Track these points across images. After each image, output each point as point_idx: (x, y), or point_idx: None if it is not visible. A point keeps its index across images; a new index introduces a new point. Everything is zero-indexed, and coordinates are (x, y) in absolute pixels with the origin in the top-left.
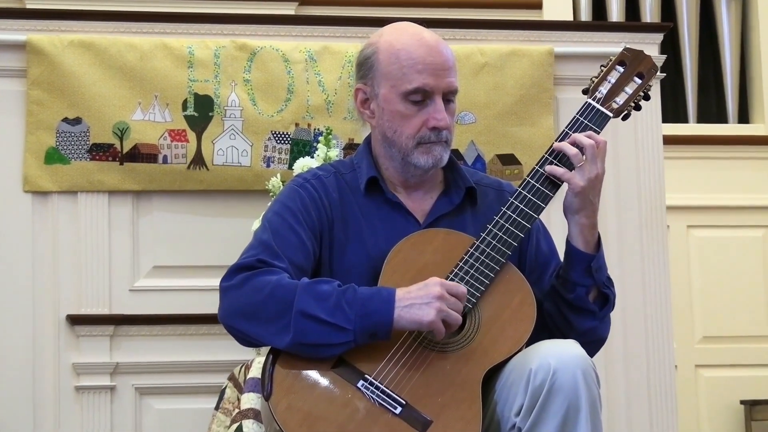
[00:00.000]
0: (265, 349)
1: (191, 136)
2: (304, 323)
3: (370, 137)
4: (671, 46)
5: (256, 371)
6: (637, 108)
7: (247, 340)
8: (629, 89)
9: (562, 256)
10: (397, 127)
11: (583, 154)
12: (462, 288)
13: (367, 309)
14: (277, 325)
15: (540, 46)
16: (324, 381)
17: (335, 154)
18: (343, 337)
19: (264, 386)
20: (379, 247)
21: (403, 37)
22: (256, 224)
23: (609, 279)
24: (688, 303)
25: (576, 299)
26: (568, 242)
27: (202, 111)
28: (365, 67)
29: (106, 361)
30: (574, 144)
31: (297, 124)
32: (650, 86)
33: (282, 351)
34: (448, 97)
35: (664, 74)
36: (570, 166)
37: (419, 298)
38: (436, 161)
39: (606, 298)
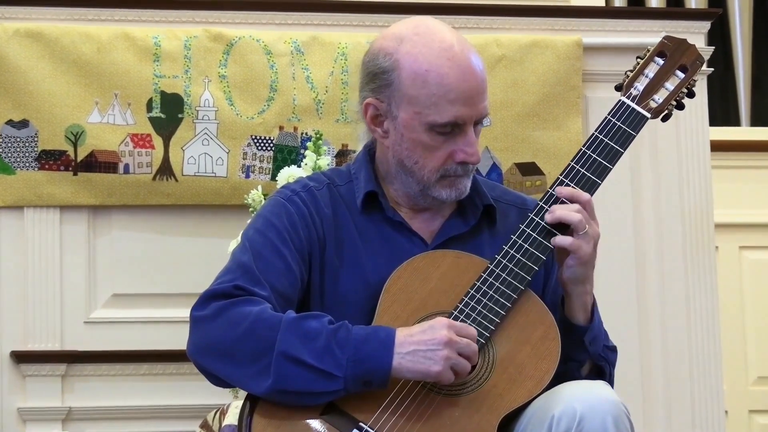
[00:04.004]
0: (243, 391)
1: (157, 141)
2: (287, 367)
3: (371, 144)
4: (720, 37)
5: (233, 417)
6: (680, 107)
7: (219, 380)
8: (670, 85)
9: None
10: (419, 158)
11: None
12: (472, 330)
13: (360, 353)
14: (255, 367)
15: (566, 36)
16: (311, 430)
17: (326, 162)
18: (332, 385)
19: None
20: (379, 272)
21: (429, 53)
22: (234, 245)
23: (606, 348)
24: (740, 337)
25: (565, 372)
26: (564, 316)
27: (170, 112)
28: (380, 81)
29: (57, 405)
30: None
31: (281, 128)
32: (695, 81)
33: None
34: (479, 121)
35: (712, 69)
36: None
37: (423, 344)
38: (460, 194)
39: (600, 372)
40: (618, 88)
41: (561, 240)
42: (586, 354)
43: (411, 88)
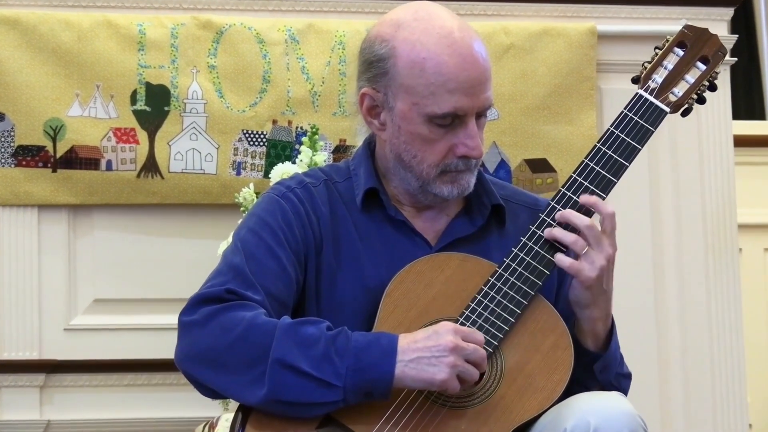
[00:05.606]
0: (234, 403)
1: (142, 136)
2: (283, 376)
3: (371, 138)
4: (744, 25)
5: (223, 431)
6: (701, 101)
7: (209, 390)
8: (691, 77)
9: None
10: (418, 152)
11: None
12: (480, 335)
13: (361, 362)
14: (248, 375)
15: (579, 23)
16: None
17: (322, 158)
18: (331, 395)
19: None
20: (379, 275)
21: (428, 39)
22: (224, 247)
23: (619, 376)
24: (765, 345)
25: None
26: (574, 339)
27: (155, 105)
28: (376, 69)
29: (35, 418)
30: (568, 224)
31: (275, 122)
32: (717, 73)
33: (254, 407)
34: (482, 112)
35: (735, 59)
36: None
37: (428, 350)
38: (463, 190)
39: None
40: (635, 80)
41: (560, 260)
42: (595, 382)
43: (408, 77)
